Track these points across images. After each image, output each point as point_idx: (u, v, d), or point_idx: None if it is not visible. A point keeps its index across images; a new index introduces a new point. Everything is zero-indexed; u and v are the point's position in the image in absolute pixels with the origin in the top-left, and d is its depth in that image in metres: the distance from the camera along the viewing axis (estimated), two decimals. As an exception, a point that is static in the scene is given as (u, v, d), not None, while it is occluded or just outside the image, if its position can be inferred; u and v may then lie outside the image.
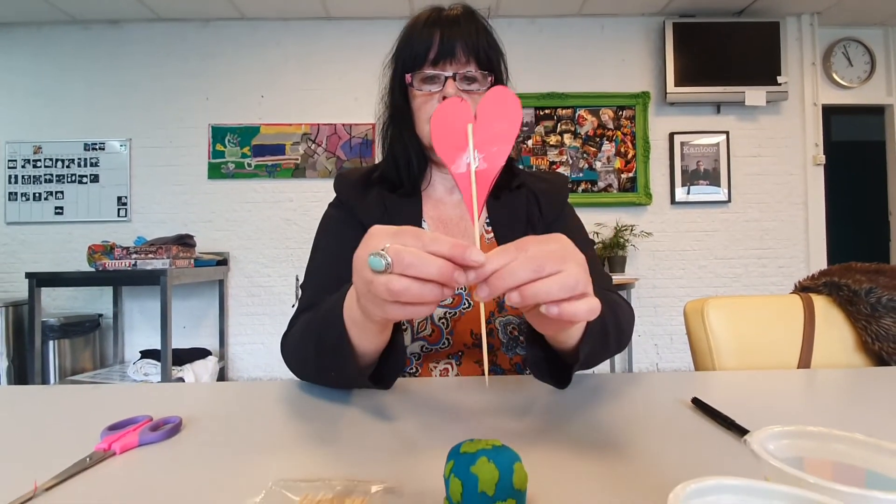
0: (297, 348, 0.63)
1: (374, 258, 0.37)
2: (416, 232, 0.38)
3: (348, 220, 0.78)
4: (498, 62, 0.77)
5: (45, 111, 3.29)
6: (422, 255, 0.37)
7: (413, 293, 0.37)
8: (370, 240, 0.40)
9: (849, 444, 0.27)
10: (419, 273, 0.36)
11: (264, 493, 0.35)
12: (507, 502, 0.30)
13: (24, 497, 0.36)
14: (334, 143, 3.30)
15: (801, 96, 3.37)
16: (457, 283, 0.37)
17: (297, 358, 0.64)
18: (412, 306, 0.38)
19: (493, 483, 0.29)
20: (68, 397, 0.64)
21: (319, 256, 0.77)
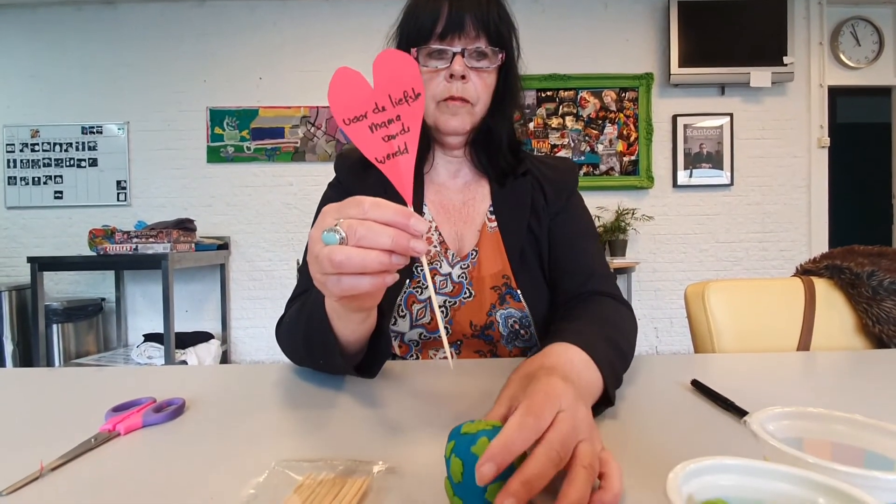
0: (289, 335, 0.63)
1: (328, 234, 0.37)
2: (357, 200, 0.38)
3: None
4: (510, 38, 0.73)
5: (42, 94, 3.26)
6: (374, 226, 0.36)
7: (354, 262, 0.36)
8: (323, 218, 0.40)
9: (849, 425, 0.27)
10: (373, 244, 0.36)
11: (267, 473, 0.35)
12: (506, 482, 0.29)
13: (31, 476, 0.36)
14: (334, 127, 3.27)
15: (807, 77, 3.32)
16: (414, 251, 0.37)
17: (289, 344, 0.64)
18: (357, 278, 0.37)
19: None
20: (73, 379, 0.64)
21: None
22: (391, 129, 0.43)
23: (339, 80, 0.43)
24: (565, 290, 0.72)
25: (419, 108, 0.43)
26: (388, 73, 0.43)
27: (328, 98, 0.43)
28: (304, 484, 0.33)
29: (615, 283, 0.75)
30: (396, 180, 0.42)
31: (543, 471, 0.29)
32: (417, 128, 0.43)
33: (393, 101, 0.43)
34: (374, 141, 0.42)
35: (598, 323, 0.58)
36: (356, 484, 0.33)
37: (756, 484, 0.21)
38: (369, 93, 0.43)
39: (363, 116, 0.43)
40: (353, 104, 0.43)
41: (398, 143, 0.42)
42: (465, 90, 0.71)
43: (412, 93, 0.43)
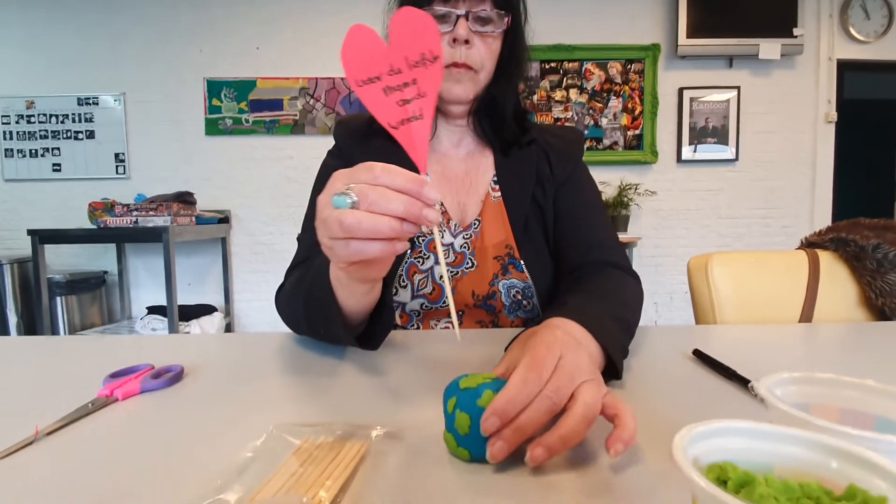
0: (289, 304, 0.63)
1: (339, 197, 0.35)
2: (369, 165, 0.37)
3: None
4: (517, 1, 0.71)
5: (36, 64, 3.19)
6: (386, 191, 0.35)
7: (365, 226, 0.35)
8: (332, 183, 0.39)
9: (859, 390, 0.27)
10: (384, 209, 0.35)
11: (265, 437, 0.35)
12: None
13: (26, 441, 0.36)
14: (333, 98, 3.21)
15: (816, 50, 3.23)
16: (426, 219, 0.35)
17: (289, 313, 0.63)
18: (367, 243, 0.36)
19: None
20: (71, 347, 0.64)
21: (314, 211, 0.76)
22: (406, 94, 0.40)
23: (353, 38, 0.41)
24: (571, 261, 0.72)
25: (437, 72, 0.41)
26: (406, 34, 0.41)
27: (341, 56, 0.40)
28: (301, 447, 0.33)
29: (623, 253, 0.74)
30: (410, 147, 0.40)
31: (535, 417, 0.32)
32: (435, 93, 0.40)
33: (409, 63, 0.41)
34: (387, 105, 0.40)
35: (601, 297, 0.57)
36: (354, 447, 0.33)
37: (765, 447, 0.21)
38: (385, 53, 0.41)
39: (377, 78, 0.40)
40: (368, 65, 0.40)
41: (413, 108, 0.40)
42: (469, 56, 0.69)
43: (430, 55, 0.41)
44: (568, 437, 0.31)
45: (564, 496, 0.29)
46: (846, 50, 3.26)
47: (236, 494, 0.28)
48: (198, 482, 0.30)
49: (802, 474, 0.20)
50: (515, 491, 0.30)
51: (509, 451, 0.31)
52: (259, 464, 0.32)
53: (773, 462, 0.21)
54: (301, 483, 0.29)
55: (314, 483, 0.29)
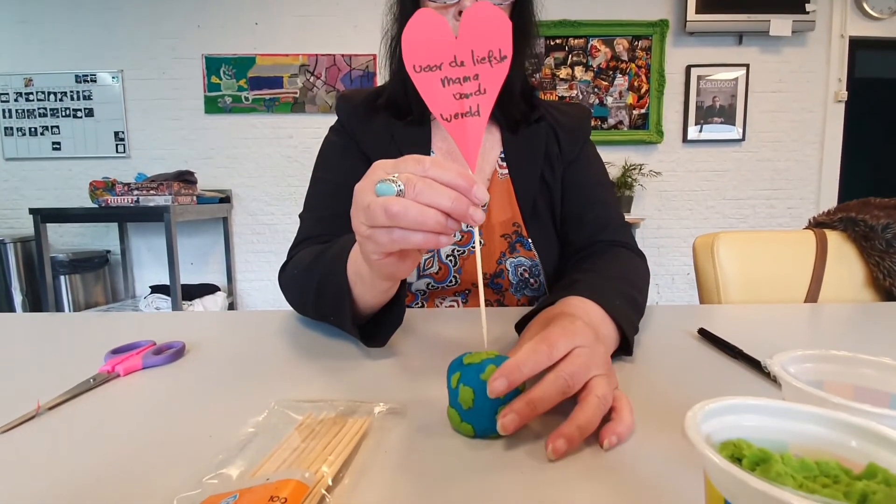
0: (298, 287, 0.61)
1: (384, 185, 0.34)
2: (417, 158, 0.35)
3: (349, 148, 0.74)
4: None
5: (33, 40, 3.14)
6: (434, 184, 0.33)
7: (412, 215, 0.33)
8: (374, 172, 0.37)
9: (875, 368, 0.26)
10: (431, 201, 0.33)
11: (267, 413, 0.35)
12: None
13: (28, 415, 0.36)
14: (333, 76, 3.15)
15: (828, 27, 3.15)
16: (472, 219, 0.34)
17: (296, 296, 0.62)
18: (410, 232, 0.34)
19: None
20: (74, 324, 0.64)
21: (318, 187, 0.74)
22: (465, 88, 0.38)
23: (418, 21, 0.39)
24: (579, 240, 0.71)
25: (503, 71, 0.39)
26: (478, 27, 0.39)
27: (402, 38, 0.38)
28: (304, 423, 0.33)
29: (630, 233, 0.73)
30: (462, 143, 0.38)
31: (548, 394, 0.32)
32: (495, 92, 0.39)
33: (475, 58, 0.39)
34: (443, 96, 0.38)
35: (612, 276, 0.57)
36: (357, 423, 0.33)
37: (780, 425, 0.20)
38: (451, 43, 0.38)
39: (437, 67, 0.38)
40: (430, 51, 0.38)
41: (471, 103, 0.38)
42: None
43: (498, 54, 0.39)
44: (585, 427, 0.31)
45: (570, 472, 0.29)
46: (859, 27, 3.18)
47: (238, 469, 0.28)
48: (200, 457, 0.30)
49: (819, 452, 0.19)
50: (519, 466, 0.30)
51: (520, 424, 0.31)
52: (261, 439, 0.31)
53: (787, 440, 0.20)
54: (303, 458, 0.28)
55: (316, 458, 0.28)
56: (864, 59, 3.44)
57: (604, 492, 0.27)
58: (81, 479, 0.28)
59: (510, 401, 0.32)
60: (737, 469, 0.15)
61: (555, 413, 0.33)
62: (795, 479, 0.17)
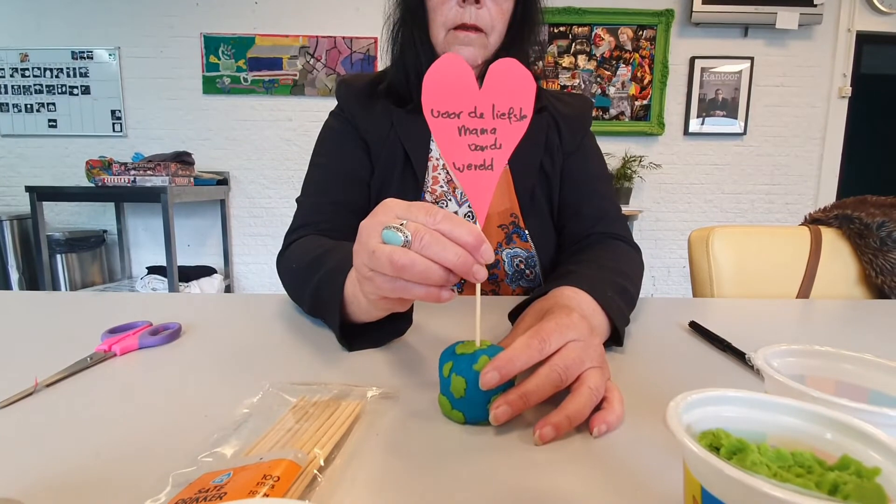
0: (295, 283, 0.60)
1: (392, 232, 0.33)
2: (430, 208, 0.34)
3: (348, 134, 0.74)
4: None
5: (29, 15, 3.08)
6: (442, 238, 0.33)
7: (417, 270, 0.33)
8: (382, 212, 0.36)
9: (856, 363, 0.27)
10: (436, 256, 0.33)
11: (261, 394, 0.35)
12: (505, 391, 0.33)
13: (25, 392, 0.36)
14: (334, 59, 3.12)
15: (835, 20, 3.12)
16: (475, 277, 0.33)
17: (293, 290, 0.61)
18: (413, 285, 0.34)
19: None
20: (71, 303, 0.64)
21: (316, 173, 0.74)
22: (481, 140, 0.38)
23: (443, 66, 0.38)
24: (575, 232, 0.71)
25: (520, 129, 0.39)
26: (502, 82, 0.38)
27: (424, 79, 0.37)
28: (297, 405, 0.33)
29: (625, 225, 0.73)
30: (472, 194, 0.38)
31: (541, 387, 0.33)
32: (511, 148, 0.38)
33: (495, 112, 0.38)
34: (458, 145, 0.38)
35: (606, 268, 0.57)
36: (350, 406, 0.33)
37: (760, 416, 0.21)
38: (473, 93, 0.38)
39: (455, 115, 0.38)
40: (450, 98, 0.37)
41: (486, 156, 0.38)
42: (479, 17, 0.65)
43: (519, 112, 0.39)
44: (574, 416, 0.32)
45: (558, 456, 0.30)
46: (868, 21, 3.15)
47: (233, 448, 0.28)
48: (195, 436, 0.31)
49: (796, 443, 0.20)
50: (509, 450, 0.30)
51: (511, 416, 0.32)
52: (255, 420, 0.32)
53: (766, 431, 0.21)
54: (296, 439, 0.29)
55: (309, 440, 0.29)
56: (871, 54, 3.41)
57: (591, 476, 0.28)
58: (79, 454, 0.29)
59: (502, 391, 0.33)
60: (712, 457, 0.16)
61: (548, 402, 0.34)
62: (770, 469, 0.17)
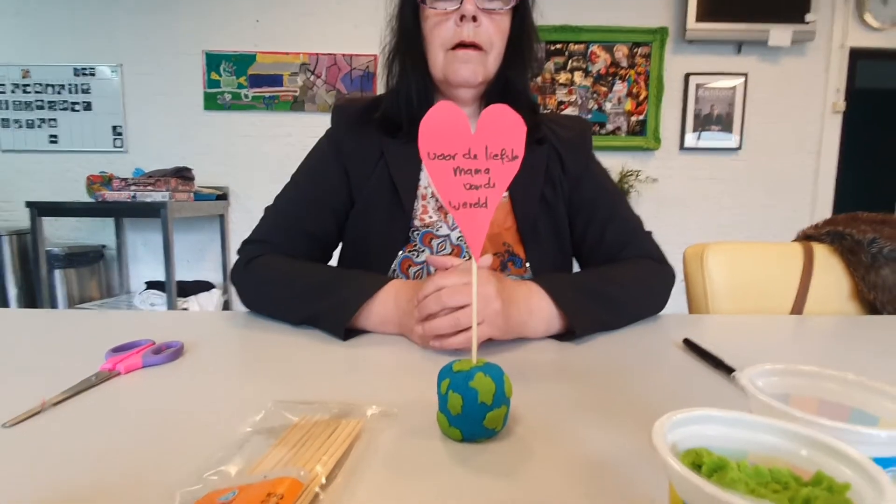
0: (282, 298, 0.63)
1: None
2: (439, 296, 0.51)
3: (333, 161, 0.75)
4: None
5: (30, 31, 3.13)
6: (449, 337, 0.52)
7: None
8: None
9: (838, 382, 0.28)
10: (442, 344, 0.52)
11: (263, 413, 0.36)
12: (500, 408, 0.34)
13: (33, 411, 0.37)
14: (334, 75, 3.17)
15: (828, 37, 3.18)
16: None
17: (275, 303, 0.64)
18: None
19: (490, 394, 0.33)
20: (74, 321, 0.65)
21: (292, 194, 0.76)
22: (476, 179, 0.40)
23: (438, 113, 0.40)
24: (604, 261, 0.74)
25: (512, 169, 0.41)
26: (495, 126, 0.41)
27: (421, 124, 0.39)
28: (299, 424, 0.34)
29: (649, 239, 0.76)
30: (468, 232, 0.40)
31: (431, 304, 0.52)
32: (504, 187, 0.41)
33: (488, 153, 0.40)
34: (454, 185, 0.40)
35: (585, 273, 0.62)
36: (350, 425, 0.34)
37: (741, 435, 0.22)
38: (466, 136, 0.40)
39: (450, 157, 0.40)
40: (445, 142, 0.40)
41: (480, 195, 0.40)
42: (478, 34, 0.67)
43: (511, 153, 0.41)
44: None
45: (554, 473, 0.31)
46: (860, 37, 3.20)
47: (237, 466, 0.29)
48: (199, 454, 0.32)
49: (775, 461, 0.21)
50: (506, 468, 0.31)
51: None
52: (258, 438, 0.33)
53: (748, 449, 0.22)
54: (298, 457, 0.30)
55: (311, 458, 0.30)
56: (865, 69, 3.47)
57: (585, 491, 0.29)
58: (87, 472, 0.30)
59: (498, 408, 0.34)
60: (693, 475, 0.17)
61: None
62: (748, 485, 0.18)
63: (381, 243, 0.71)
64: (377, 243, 0.71)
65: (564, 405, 0.41)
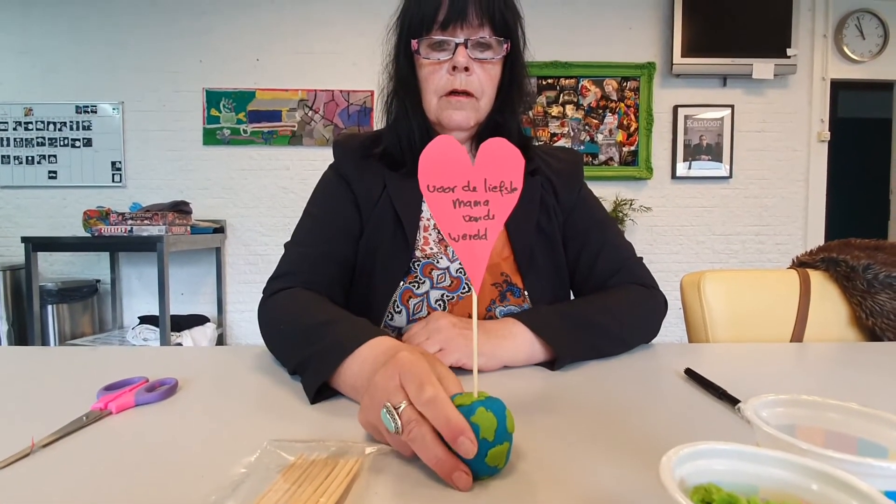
0: (280, 342, 0.61)
1: (387, 418, 0.35)
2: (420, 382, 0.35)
3: (343, 190, 0.76)
4: (515, 26, 0.71)
5: (34, 71, 3.20)
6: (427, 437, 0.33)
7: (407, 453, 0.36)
8: (392, 367, 0.39)
9: (842, 412, 0.27)
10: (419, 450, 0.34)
11: (259, 453, 0.35)
12: (503, 444, 0.33)
13: (22, 453, 0.36)
14: (332, 111, 3.23)
15: (809, 70, 3.29)
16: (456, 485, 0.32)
17: (276, 346, 0.62)
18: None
19: (492, 429, 0.33)
20: (65, 359, 0.64)
21: (307, 222, 0.76)
22: (475, 211, 0.41)
23: (438, 146, 0.41)
24: (596, 288, 0.75)
25: (511, 201, 0.42)
26: (493, 159, 0.42)
27: (420, 158, 0.40)
28: (295, 464, 0.33)
29: (640, 265, 0.77)
30: (467, 263, 0.40)
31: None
32: (503, 219, 0.41)
33: (487, 186, 0.41)
34: (453, 217, 0.40)
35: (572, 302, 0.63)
36: (348, 464, 0.33)
37: (749, 469, 0.21)
38: (466, 169, 0.41)
39: (450, 189, 0.40)
40: (445, 174, 0.40)
41: (479, 226, 0.41)
42: (469, 83, 0.69)
43: (509, 185, 0.42)
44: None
45: (556, 515, 0.30)
46: (840, 69, 3.32)
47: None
48: (193, 497, 0.30)
49: (786, 496, 0.20)
50: (507, 509, 0.30)
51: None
52: (253, 479, 0.32)
53: (757, 484, 0.21)
54: (295, 500, 0.29)
55: (308, 500, 0.29)
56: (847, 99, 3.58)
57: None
58: (73, 520, 0.29)
59: (501, 444, 0.33)
60: (703, 514, 0.17)
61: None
62: (760, 523, 0.18)
63: (384, 274, 0.71)
64: (380, 274, 0.71)
65: (568, 439, 0.40)
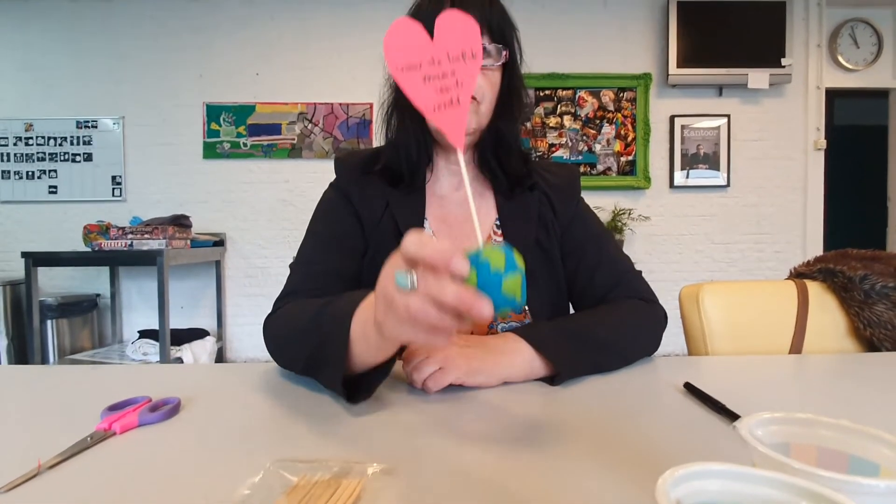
0: (286, 342, 0.61)
1: (401, 276, 0.36)
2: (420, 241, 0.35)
3: (345, 207, 0.77)
4: (511, 37, 0.73)
5: (35, 87, 3.23)
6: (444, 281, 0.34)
7: (431, 318, 0.35)
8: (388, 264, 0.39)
9: (834, 430, 0.28)
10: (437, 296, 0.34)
11: (262, 474, 0.36)
12: (515, 274, 0.35)
13: (29, 474, 0.36)
14: (331, 123, 3.26)
15: (804, 79, 3.33)
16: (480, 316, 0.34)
17: (284, 350, 0.62)
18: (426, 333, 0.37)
19: (502, 262, 0.35)
20: (68, 377, 0.64)
21: (311, 241, 0.76)
22: (444, 83, 0.44)
23: (397, 29, 0.44)
24: (593, 302, 0.75)
25: (475, 67, 0.44)
26: (450, 32, 0.45)
27: (383, 43, 0.44)
28: (298, 485, 0.34)
29: (639, 278, 0.78)
30: (448, 130, 0.43)
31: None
32: (471, 84, 0.44)
33: (450, 57, 0.44)
34: (427, 91, 0.43)
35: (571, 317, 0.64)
36: (351, 485, 0.34)
37: (742, 489, 0.22)
38: (427, 45, 0.44)
39: (417, 66, 0.44)
40: (409, 53, 0.44)
41: (452, 94, 0.44)
42: None
43: (470, 53, 0.44)
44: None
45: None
46: (835, 78, 3.35)
47: (235, 533, 0.29)
48: (196, 520, 0.31)
49: (778, 516, 0.21)
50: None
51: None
52: (256, 501, 0.32)
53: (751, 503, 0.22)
54: (298, 521, 0.29)
55: (311, 521, 0.29)
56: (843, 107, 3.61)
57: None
58: (80, 543, 0.29)
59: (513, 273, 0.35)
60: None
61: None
62: (752, 545, 0.18)
63: None
64: None
65: (566, 455, 0.40)
